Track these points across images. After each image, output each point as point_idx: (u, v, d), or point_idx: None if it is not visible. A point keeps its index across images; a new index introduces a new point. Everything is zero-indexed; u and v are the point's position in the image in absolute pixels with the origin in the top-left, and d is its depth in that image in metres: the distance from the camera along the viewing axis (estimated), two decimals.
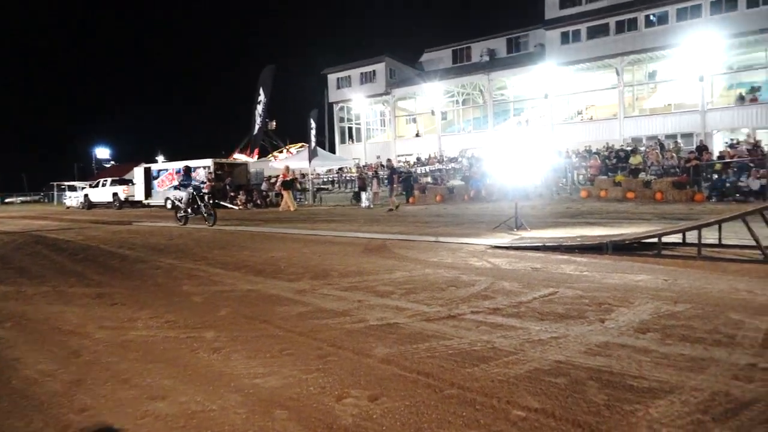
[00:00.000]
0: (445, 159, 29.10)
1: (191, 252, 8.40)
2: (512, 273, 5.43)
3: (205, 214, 13.20)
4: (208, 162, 25.43)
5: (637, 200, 15.86)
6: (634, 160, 18.18)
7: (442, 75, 35.68)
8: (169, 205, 26.45)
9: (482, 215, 13.30)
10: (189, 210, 13.45)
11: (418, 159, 31.70)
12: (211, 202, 14.15)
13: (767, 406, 2.32)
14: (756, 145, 17.82)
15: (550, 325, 3.57)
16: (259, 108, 35.80)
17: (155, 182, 28.20)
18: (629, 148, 20.94)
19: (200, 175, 24.42)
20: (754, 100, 25.34)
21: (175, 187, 14.23)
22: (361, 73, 39.10)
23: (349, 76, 39.73)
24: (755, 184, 14.40)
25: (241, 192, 24.68)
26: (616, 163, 19.00)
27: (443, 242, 8.05)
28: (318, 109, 30.81)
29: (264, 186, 25.54)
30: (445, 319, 3.85)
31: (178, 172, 26.24)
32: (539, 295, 4.43)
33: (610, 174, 18.07)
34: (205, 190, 14.41)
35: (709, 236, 6.14)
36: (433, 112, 35.76)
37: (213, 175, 24.55)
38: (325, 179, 31.22)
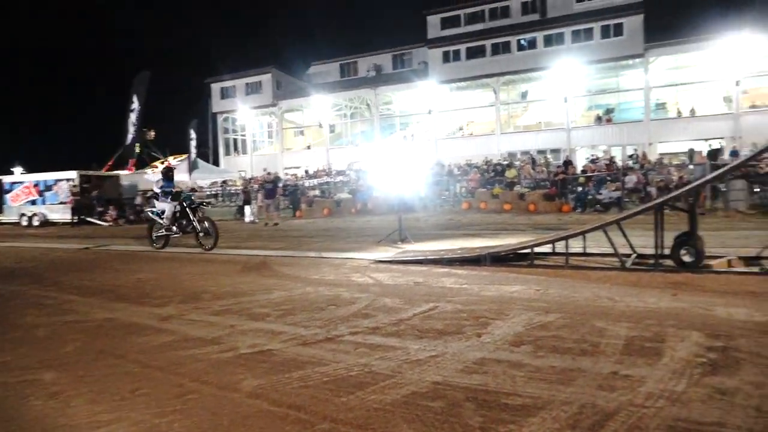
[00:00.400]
0: (333, 172, 29.03)
1: (42, 276, 7.42)
2: (394, 288, 5.37)
3: (200, 233, 9.76)
4: (72, 174, 23.11)
5: (514, 211, 16.84)
6: (510, 174, 19.35)
7: (329, 88, 35.74)
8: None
9: (368, 228, 13.32)
10: (174, 228, 10.08)
11: (306, 172, 31.34)
12: (204, 214, 10.47)
13: (628, 416, 2.38)
14: (611, 161, 19.78)
15: (429, 343, 3.50)
16: (133, 117, 33.39)
17: (8, 197, 25.07)
18: (506, 163, 22.29)
19: (62, 189, 22.13)
20: (608, 121, 28.26)
21: (154, 197, 10.63)
22: (247, 84, 38.02)
23: (234, 87, 38.46)
24: (612, 196, 15.93)
25: (111, 207, 22.71)
26: (494, 176, 20.10)
27: (327, 258, 7.86)
28: (200, 119, 29.42)
29: (138, 200, 23.72)
30: (322, 342, 3.64)
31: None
32: (420, 311, 4.37)
33: (488, 187, 19.06)
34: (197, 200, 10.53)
35: (576, 245, 6.55)
36: (320, 125, 35.62)
37: (78, 189, 22.33)
38: (208, 192, 29.73)
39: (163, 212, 10.20)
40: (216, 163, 37.77)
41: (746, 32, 23.13)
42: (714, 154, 17.40)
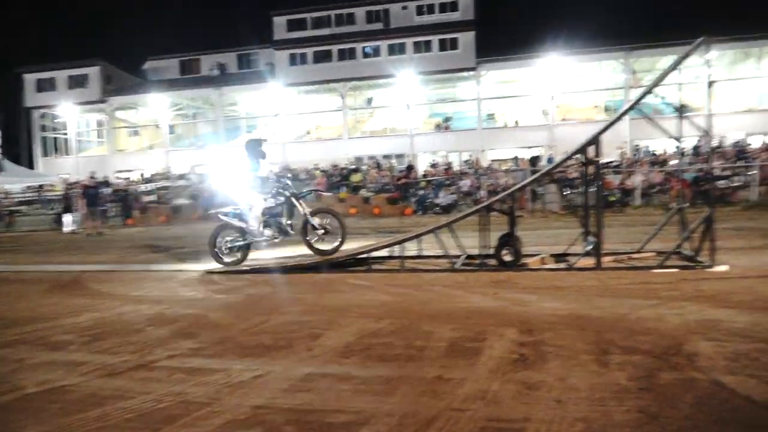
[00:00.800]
0: (173, 176, 27.08)
1: None
2: (225, 302, 5.03)
3: (319, 230, 6.77)
4: None
5: (359, 215, 17.13)
6: (355, 178, 19.71)
7: (169, 86, 33.35)
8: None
9: (209, 236, 12.48)
10: (268, 231, 6.97)
11: (142, 175, 28.86)
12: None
13: (446, 421, 2.40)
14: (449, 166, 21.14)
15: (254, 362, 3.28)
16: None
17: None
18: (353, 167, 22.67)
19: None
20: (447, 128, 30.28)
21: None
22: (70, 77, 33.95)
23: (54, 79, 34.11)
24: (449, 199, 16.99)
25: None
26: (341, 180, 20.31)
27: (154, 271, 7.19)
28: (9, 114, 25.56)
29: None
30: (132, 371, 3.22)
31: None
32: (250, 325, 4.12)
33: (335, 191, 19.20)
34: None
35: (413, 248, 6.76)
36: (158, 125, 33.09)
37: None
38: (20, 199, 25.88)
39: (245, 211, 6.96)
40: (31, 165, 33.14)
41: (558, 55, 26.38)
42: (534, 160, 19.45)
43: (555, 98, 28.13)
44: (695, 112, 18.00)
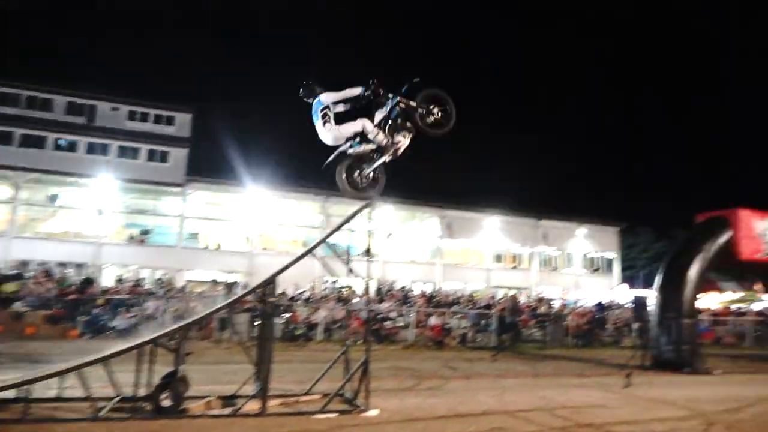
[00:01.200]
0: None
1: None
2: None
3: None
4: None
5: (5, 335, 13.74)
6: (9, 288, 16.08)
7: None
8: None
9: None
10: (399, 137, 6.37)
11: None
12: None
13: None
14: (138, 284, 19.24)
15: None
16: None
17: None
18: (13, 272, 18.63)
19: None
20: (142, 242, 28.12)
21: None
22: None
23: None
24: (127, 323, 15.12)
25: None
26: None
27: None
28: None
29: None
30: None
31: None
32: None
33: None
34: None
35: (62, 385, 5.53)
36: None
37: None
38: None
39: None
40: None
41: (265, 188, 28.07)
42: (230, 287, 19.19)
43: (258, 227, 29.19)
44: (373, 258, 20.78)
